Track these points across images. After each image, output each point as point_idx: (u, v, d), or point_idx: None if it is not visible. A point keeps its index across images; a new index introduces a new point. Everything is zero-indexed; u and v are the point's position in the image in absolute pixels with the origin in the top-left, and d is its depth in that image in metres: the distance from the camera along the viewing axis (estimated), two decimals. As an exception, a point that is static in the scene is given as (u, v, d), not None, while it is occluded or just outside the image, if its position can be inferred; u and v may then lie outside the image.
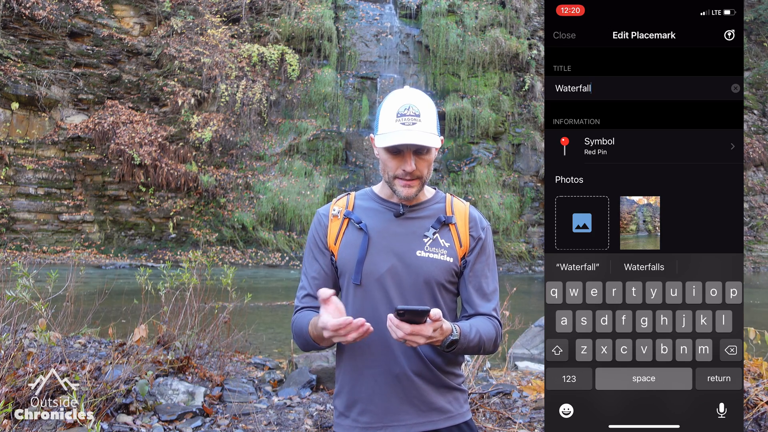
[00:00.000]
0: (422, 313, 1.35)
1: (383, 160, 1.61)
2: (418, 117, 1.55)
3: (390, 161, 1.59)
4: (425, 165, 1.59)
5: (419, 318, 1.36)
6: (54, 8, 17.93)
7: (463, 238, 1.64)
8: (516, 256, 18.04)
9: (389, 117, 1.57)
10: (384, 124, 1.57)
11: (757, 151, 21.43)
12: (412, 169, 1.56)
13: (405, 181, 1.58)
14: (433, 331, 1.39)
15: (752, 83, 22.70)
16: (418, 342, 1.39)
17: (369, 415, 1.59)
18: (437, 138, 1.57)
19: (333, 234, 1.66)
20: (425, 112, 1.57)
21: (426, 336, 1.38)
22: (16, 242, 16.24)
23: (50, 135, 17.74)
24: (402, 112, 1.55)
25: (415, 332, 1.37)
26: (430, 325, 1.38)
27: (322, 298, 1.46)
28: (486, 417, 3.71)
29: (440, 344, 1.46)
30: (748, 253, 19.45)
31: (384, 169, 1.62)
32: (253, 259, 17.04)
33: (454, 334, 1.46)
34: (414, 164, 1.56)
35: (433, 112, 1.60)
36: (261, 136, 19.32)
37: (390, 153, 1.58)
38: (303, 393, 4.31)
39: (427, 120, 1.56)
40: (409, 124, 1.53)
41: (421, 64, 21.03)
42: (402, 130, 1.53)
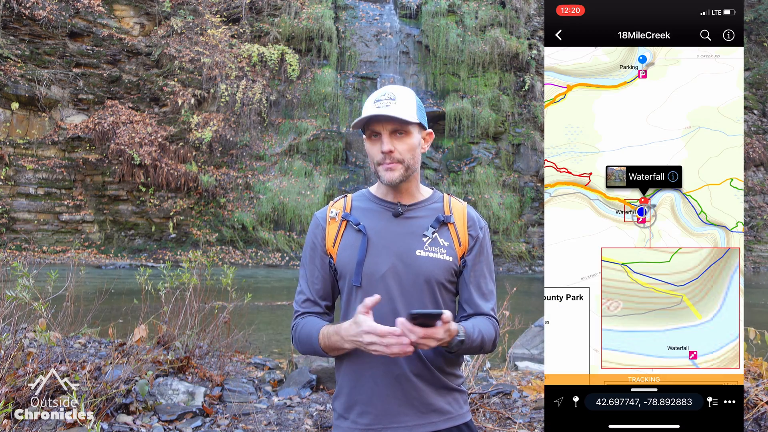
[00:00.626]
0: (436, 317, 1.35)
1: (367, 150, 1.63)
2: (393, 100, 1.56)
3: (371, 148, 1.61)
4: (405, 148, 1.59)
5: (432, 321, 1.36)
6: (54, 8, 17.93)
7: (462, 238, 1.64)
8: (516, 256, 18.03)
9: (367, 105, 1.59)
10: (364, 112, 1.60)
11: (757, 151, 21.43)
12: (388, 148, 1.56)
13: (386, 164, 1.58)
14: (444, 333, 1.40)
15: (752, 83, 22.70)
16: (429, 345, 1.39)
17: (369, 416, 1.58)
18: (412, 116, 1.57)
19: (331, 237, 1.65)
20: (401, 96, 1.58)
21: (437, 339, 1.39)
22: (16, 242, 16.24)
23: (50, 135, 17.74)
24: (378, 98, 1.58)
25: (428, 335, 1.37)
26: (441, 328, 1.38)
27: (368, 305, 1.43)
28: (486, 417, 3.71)
29: (447, 346, 1.46)
30: (748, 253, 19.45)
31: (370, 161, 1.64)
32: (253, 259, 17.04)
33: (460, 335, 1.47)
34: (391, 144, 1.57)
35: (411, 98, 1.60)
36: (261, 136, 19.32)
37: (370, 140, 1.61)
38: (303, 393, 4.31)
39: (402, 103, 1.57)
40: (384, 106, 1.55)
41: (421, 64, 21.03)
42: (376, 110, 1.55)
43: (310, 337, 1.59)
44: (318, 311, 1.66)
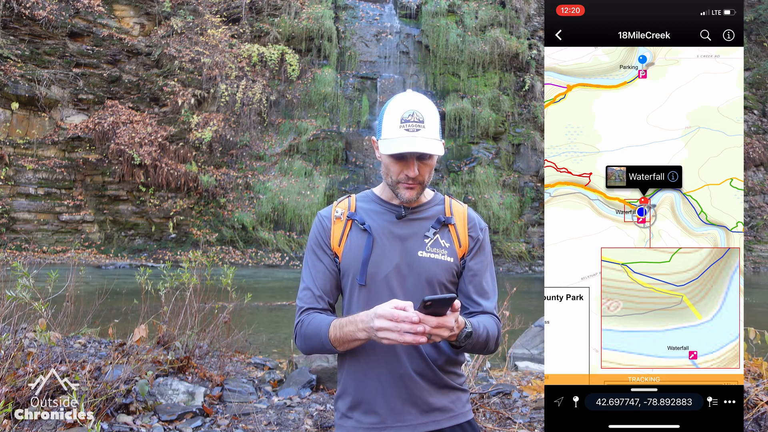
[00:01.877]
0: (448, 301, 1.33)
1: (386, 164, 1.62)
2: (422, 123, 1.55)
3: (393, 166, 1.60)
4: (427, 170, 1.61)
5: (444, 308, 1.35)
6: (54, 8, 17.93)
7: (462, 239, 1.66)
8: (516, 256, 18.03)
9: (393, 122, 1.57)
10: (388, 129, 1.58)
11: (757, 151, 21.43)
12: (415, 175, 1.58)
13: (407, 185, 1.60)
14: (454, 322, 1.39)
15: (752, 83, 22.70)
16: (443, 335, 1.37)
17: (373, 415, 1.59)
18: (440, 144, 1.57)
19: (337, 236, 1.66)
20: (429, 118, 1.57)
21: (449, 327, 1.37)
22: (16, 242, 16.25)
23: (50, 135, 17.74)
24: (406, 118, 1.55)
25: (440, 324, 1.35)
26: (452, 316, 1.38)
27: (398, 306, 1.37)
28: (486, 417, 3.71)
29: (456, 338, 1.46)
30: (748, 253, 19.46)
31: (386, 173, 1.63)
32: (253, 259, 17.04)
33: (468, 327, 1.48)
34: (417, 170, 1.58)
35: (436, 117, 1.60)
36: (261, 136, 19.33)
37: (394, 158, 1.60)
38: (303, 393, 4.31)
39: (430, 126, 1.56)
40: (413, 130, 1.54)
41: (421, 64, 21.03)
42: (406, 136, 1.54)
43: (318, 331, 1.56)
44: (323, 308, 1.65)
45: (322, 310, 1.64)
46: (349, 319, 1.50)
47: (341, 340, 1.52)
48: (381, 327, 1.37)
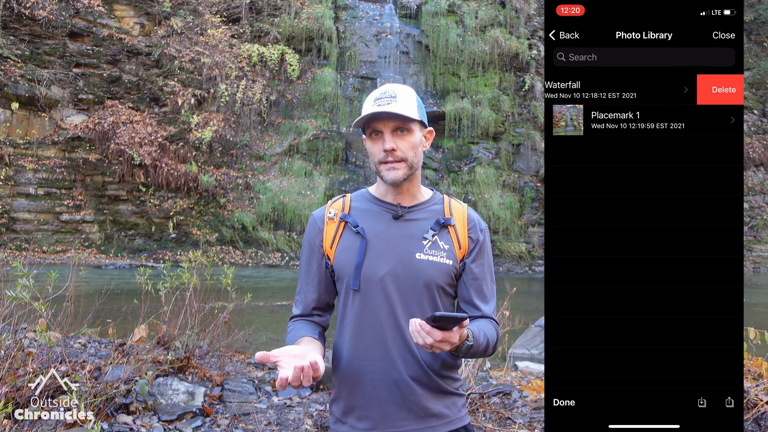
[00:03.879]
0: (459, 320, 1.33)
1: (368, 149, 1.62)
2: (394, 98, 1.55)
3: (373, 147, 1.59)
4: (408, 146, 1.57)
5: (453, 325, 1.34)
6: (54, 8, 17.93)
7: (462, 240, 1.63)
8: (516, 256, 18.03)
9: (368, 103, 1.58)
10: (364, 110, 1.59)
11: (757, 151, 21.43)
12: (391, 146, 1.54)
13: (389, 163, 1.56)
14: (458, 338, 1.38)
15: (752, 83, 22.70)
16: (444, 348, 1.37)
17: (367, 421, 1.57)
18: (413, 113, 1.55)
19: (329, 238, 1.63)
20: (401, 94, 1.57)
21: (452, 343, 1.37)
22: (16, 242, 16.24)
23: (50, 135, 17.74)
24: (378, 96, 1.57)
25: (445, 339, 1.34)
26: (457, 332, 1.37)
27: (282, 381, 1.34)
28: (486, 417, 3.71)
29: (456, 350, 1.45)
30: (748, 253, 19.45)
31: (372, 160, 1.61)
32: (253, 259, 17.04)
33: (469, 339, 1.46)
34: (393, 142, 1.55)
35: (412, 96, 1.59)
36: (261, 136, 19.32)
37: (371, 139, 1.59)
38: (303, 393, 4.31)
39: (403, 100, 1.56)
40: (385, 104, 1.54)
41: (421, 64, 21.03)
42: (377, 108, 1.54)
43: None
44: (309, 315, 1.66)
45: (308, 317, 1.66)
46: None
47: None
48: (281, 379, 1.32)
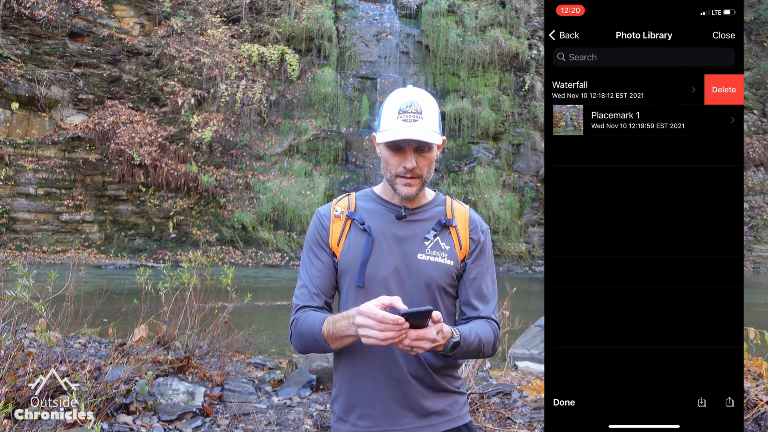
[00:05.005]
0: (425, 314, 1.33)
1: (385, 158, 1.60)
2: (420, 114, 1.53)
3: (391, 159, 1.58)
4: (426, 163, 1.58)
5: (422, 320, 1.34)
6: (54, 8, 17.93)
7: (463, 241, 1.64)
8: (516, 256, 18.03)
9: (391, 114, 1.55)
10: (386, 121, 1.56)
11: (757, 151, 21.43)
12: (412, 166, 1.55)
13: (406, 179, 1.57)
14: (437, 334, 1.38)
15: (752, 83, 22.70)
16: (424, 347, 1.36)
17: (368, 419, 1.57)
18: (438, 136, 1.55)
19: (335, 235, 1.64)
20: (427, 109, 1.55)
21: (431, 339, 1.36)
22: (16, 242, 16.24)
23: (50, 135, 17.74)
24: (404, 109, 1.54)
25: (420, 337, 1.35)
26: (433, 327, 1.37)
27: (384, 303, 1.36)
28: (486, 417, 3.71)
29: (443, 349, 1.45)
30: (748, 253, 19.45)
31: (386, 168, 1.61)
32: (253, 259, 17.04)
33: (455, 336, 1.46)
34: (415, 161, 1.55)
35: (436, 110, 1.58)
36: (261, 136, 19.32)
37: (391, 150, 1.57)
38: (303, 393, 4.32)
39: (429, 117, 1.54)
40: (411, 120, 1.52)
41: (421, 64, 21.03)
42: (403, 126, 1.52)
43: (312, 327, 1.53)
44: (319, 305, 1.63)
45: (318, 308, 1.61)
46: (343, 315, 1.48)
47: (334, 336, 1.49)
48: (361, 324, 1.35)
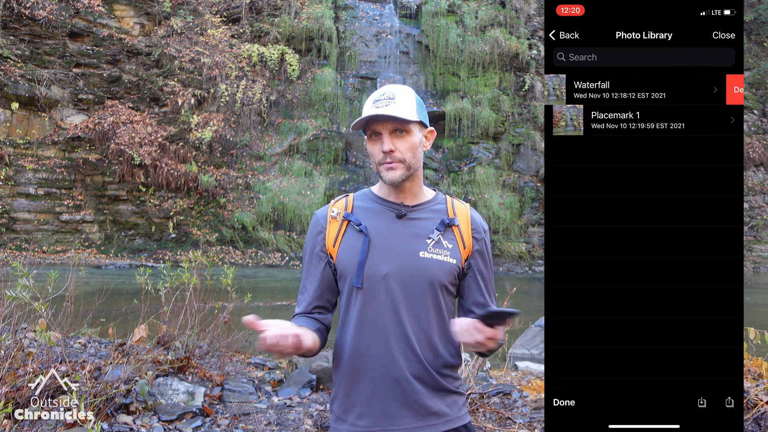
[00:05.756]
0: (509, 316, 1.36)
1: (368, 150, 1.63)
2: (393, 100, 1.57)
3: (372, 148, 1.61)
4: (406, 147, 1.58)
5: (502, 321, 1.38)
6: (54, 8, 17.93)
7: (466, 240, 1.64)
8: (516, 256, 18.03)
9: (367, 106, 1.60)
10: (363, 113, 1.60)
11: (757, 151, 21.43)
12: (389, 148, 1.56)
13: (387, 164, 1.58)
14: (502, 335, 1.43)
15: (752, 83, 22.70)
16: (489, 346, 1.42)
17: (367, 419, 1.57)
18: (412, 114, 1.57)
19: (332, 236, 1.64)
20: (401, 96, 1.58)
21: (498, 339, 1.41)
22: (16, 242, 16.24)
23: (50, 135, 17.74)
24: (377, 98, 1.58)
25: (493, 336, 1.39)
26: (503, 329, 1.41)
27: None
28: (486, 417, 3.71)
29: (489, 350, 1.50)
30: (748, 253, 19.45)
31: (372, 161, 1.63)
32: (253, 259, 17.04)
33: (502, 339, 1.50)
34: (392, 144, 1.57)
35: (411, 97, 1.60)
36: (261, 136, 19.32)
37: (371, 140, 1.61)
38: (303, 393, 4.31)
39: (402, 102, 1.57)
40: (383, 105, 1.56)
41: (421, 64, 21.03)
42: (375, 111, 1.56)
43: None
44: (310, 313, 1.67)
45: (309, 315, 1.66)
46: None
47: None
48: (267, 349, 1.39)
